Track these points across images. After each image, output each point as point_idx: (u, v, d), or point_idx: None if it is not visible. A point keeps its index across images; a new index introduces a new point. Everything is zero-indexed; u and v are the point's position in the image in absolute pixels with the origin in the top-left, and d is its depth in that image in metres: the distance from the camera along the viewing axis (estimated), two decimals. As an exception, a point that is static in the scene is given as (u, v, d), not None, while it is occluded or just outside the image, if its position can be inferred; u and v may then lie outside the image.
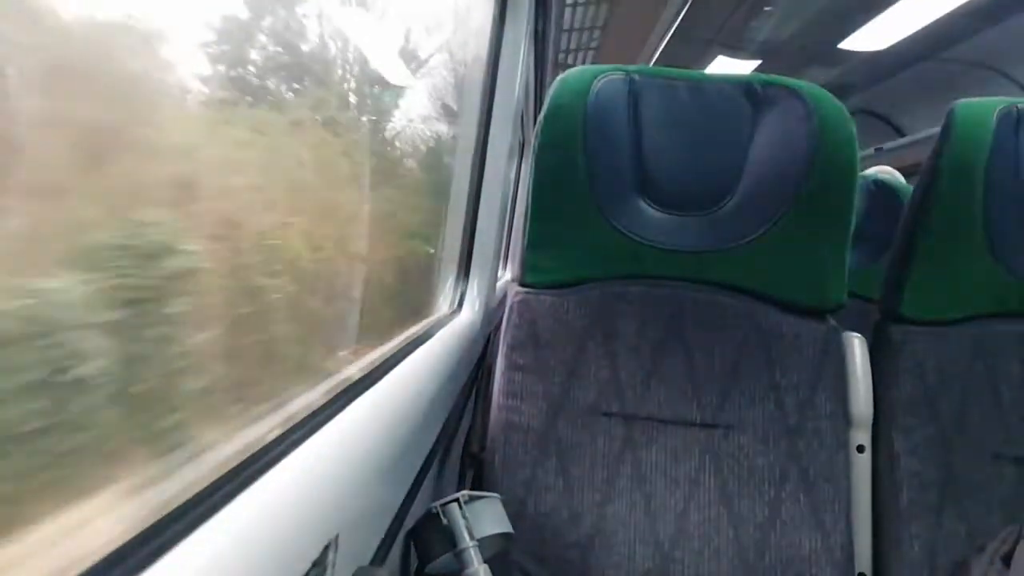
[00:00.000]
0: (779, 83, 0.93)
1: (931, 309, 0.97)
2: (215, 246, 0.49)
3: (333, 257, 0.78)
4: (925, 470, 0.91)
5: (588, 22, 2.61)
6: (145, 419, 0.40)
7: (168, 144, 0.43)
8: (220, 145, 0.51)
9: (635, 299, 0.94)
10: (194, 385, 0.46)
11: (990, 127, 0.93)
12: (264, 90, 0.59)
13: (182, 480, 0.36)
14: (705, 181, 0.94)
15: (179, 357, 0.44)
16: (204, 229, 0.47)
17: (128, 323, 0.38)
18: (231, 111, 0.53)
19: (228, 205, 0.52)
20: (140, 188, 0.40)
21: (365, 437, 0.52)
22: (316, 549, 0.38)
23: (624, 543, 0.87)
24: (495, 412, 0.92)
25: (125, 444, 0.39)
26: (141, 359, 0.40)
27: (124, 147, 0.39)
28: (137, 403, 0.39)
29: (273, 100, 0.61)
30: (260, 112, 0.58)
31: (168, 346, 0.42)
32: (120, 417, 0.38)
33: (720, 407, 0.91)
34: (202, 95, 0.48)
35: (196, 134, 0.47)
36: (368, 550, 0.51)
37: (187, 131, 0.46)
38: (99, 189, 0.37)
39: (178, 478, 0.38)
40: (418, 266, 1.21)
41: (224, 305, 0.51)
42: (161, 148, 0.42)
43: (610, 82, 0.94)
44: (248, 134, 0.55)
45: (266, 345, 0.60)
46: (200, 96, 0.48)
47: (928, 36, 2.90)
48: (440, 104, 1.20)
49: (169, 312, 0.42)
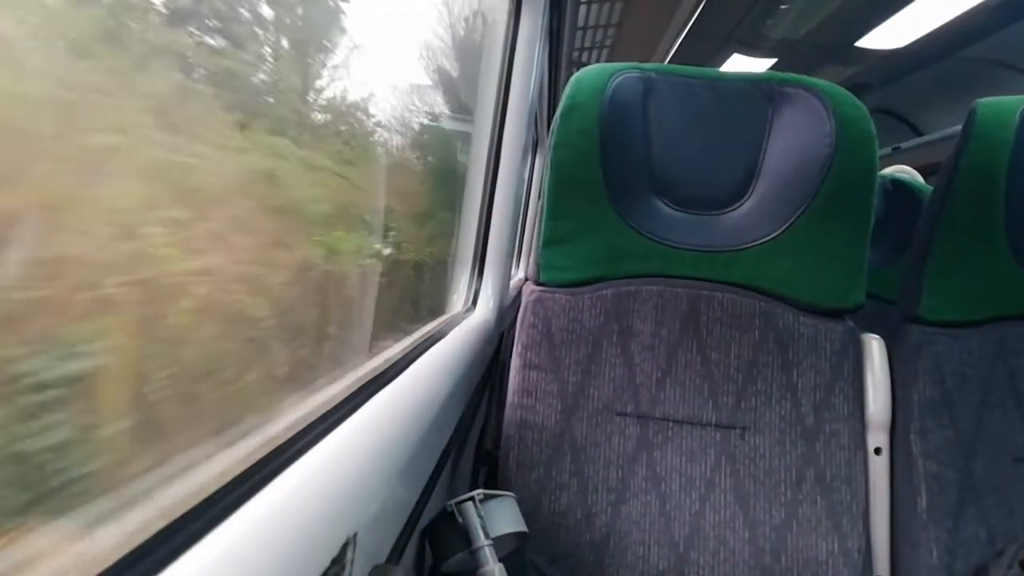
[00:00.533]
0: (797, 81, 0.92)
1: (951, 310, 0.96)
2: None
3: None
4: (944, 473, 0.90)
5: (603, 19, 2.60)
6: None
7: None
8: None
9: (651, 298, 0.93)
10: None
11: (1012, 126, 0.92)
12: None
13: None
14: (722, 180, 0.94)
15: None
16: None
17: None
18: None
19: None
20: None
21: (382, 434, 0.52)
22: (336, 546, 0.38)
23: (639, 544, 0.86)
24: (509, 411, 0.91)
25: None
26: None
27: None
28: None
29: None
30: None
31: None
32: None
33: (736, 408, 0.90)
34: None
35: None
36: (384, 548, 0.51)
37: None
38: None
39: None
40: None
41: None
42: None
43: (626, 80, 0.93)
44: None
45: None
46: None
47: (946, 34, 2.87)
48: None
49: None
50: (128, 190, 0.43)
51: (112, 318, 0.40)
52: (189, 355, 0.49)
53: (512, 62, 1.24)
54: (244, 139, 0.58)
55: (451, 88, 1.26)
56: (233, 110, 0.57)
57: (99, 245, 0.40)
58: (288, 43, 0.67)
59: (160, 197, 0.47)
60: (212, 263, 0.52)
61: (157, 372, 0.45)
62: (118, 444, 0.42)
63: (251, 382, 0.57)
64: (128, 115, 0.44)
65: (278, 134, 0.65)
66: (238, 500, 0.34)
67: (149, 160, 0.46)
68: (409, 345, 0.78)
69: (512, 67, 1.24)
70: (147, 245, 0.44)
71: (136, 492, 0.39)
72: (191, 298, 0.49)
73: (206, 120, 0.53)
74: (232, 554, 0.30)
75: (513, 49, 1.24)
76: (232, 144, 0.56)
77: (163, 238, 0.46)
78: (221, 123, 0.54)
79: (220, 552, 0.30)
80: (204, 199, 0.52)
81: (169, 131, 0.49)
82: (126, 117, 0.44)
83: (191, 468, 0.40)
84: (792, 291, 0.93)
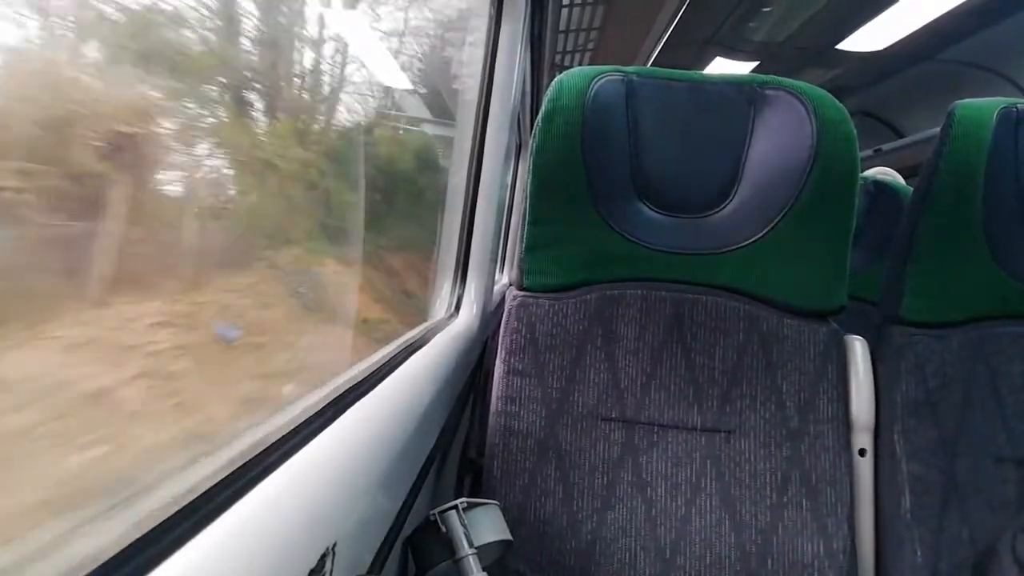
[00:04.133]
0: (779, 83, 0.93)
1: (932, 311, 0.96)
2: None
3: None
4: (927, 473, 0.91)
5: (585, 23, 2.60)
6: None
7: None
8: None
9: (634, 302, 0.93)
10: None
11: (990, 127, 0.92)
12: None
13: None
14: (704, 183, 0.94)
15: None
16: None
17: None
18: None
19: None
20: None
21: (362, 443, 0.51)
22: (313, 557, 0.37)
23: (625, 549, 0.86)
24: (493, 417, 0.91)
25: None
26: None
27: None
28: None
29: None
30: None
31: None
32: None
33: (721, 411, 0.90)
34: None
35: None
36: (366, 558, 0.51)
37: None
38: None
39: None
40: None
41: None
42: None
43: (608, 83, 0.93)
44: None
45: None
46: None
47: (926, 36, 2.90)
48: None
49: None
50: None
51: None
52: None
53: (494, 66, 1.24)
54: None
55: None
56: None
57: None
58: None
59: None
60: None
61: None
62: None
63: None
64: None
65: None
66: (212, 512, 0.34)
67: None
68: (391, 352, 0.78)
69: (494, 71, 1.24)
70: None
71: (108, 503, 0.38)
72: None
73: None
74: (206, 565, 0.30)
75: (495, 53, 1.24)
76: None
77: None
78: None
79: (195, 563, 0.30)
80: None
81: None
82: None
83: (165, 477, 0.39)
84: (775, 293, 0.93)
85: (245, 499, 0.35)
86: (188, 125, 0.82)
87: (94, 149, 0.65)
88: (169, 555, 0.29)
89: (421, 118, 2.12)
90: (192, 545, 0.30)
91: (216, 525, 0.32)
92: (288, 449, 0.43)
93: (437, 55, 1.69)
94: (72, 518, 0.32)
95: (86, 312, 0.68)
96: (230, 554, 0.31)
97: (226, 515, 0.33)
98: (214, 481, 0.37)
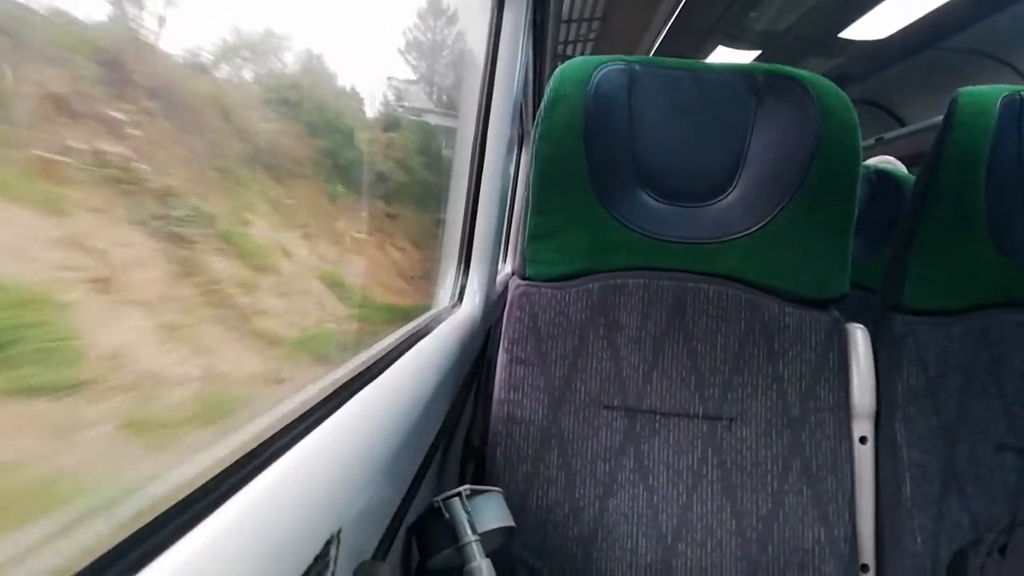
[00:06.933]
0: (781, 72, 0.93)
1: (934, 299, 0.96)
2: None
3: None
4: (928, 461, 0.91)
5: (587, 13, 2.59)
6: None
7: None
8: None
9: (636, 291, 0.93)
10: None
11: (993, 115, 0.92)
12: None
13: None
14: (707, 172, 0.94)
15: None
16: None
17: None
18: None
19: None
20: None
21: (367, 431, 0.52)
22: (318, 544, 0.38)
23: (627, 536, 0.87)
24: (496, 406, 0.91)
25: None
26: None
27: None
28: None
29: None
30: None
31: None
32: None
33: (723, 399, 0.90)
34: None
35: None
36: (370, 544, 0.51)
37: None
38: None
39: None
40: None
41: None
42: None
43: (610, 72, 0.93)
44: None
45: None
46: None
47: (928, 24, 2.88)
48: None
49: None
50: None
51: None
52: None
53: (496, 56, 1.24)
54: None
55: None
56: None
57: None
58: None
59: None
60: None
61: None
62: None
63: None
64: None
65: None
66: (219, 497, 0.34)
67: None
68: (395, 340, 0.78)
69: (496, 60, 1.24)
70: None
71: (119, 488, 0.40)
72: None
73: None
74: (212, 551, 0.30)
75: (497, 42, 1.23)
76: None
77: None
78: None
79: (201, 549, 0.30)
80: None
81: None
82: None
83: (173, 464, 0.39)
84: (777, 282, 0.93)
85: (251, 486, 0.36)
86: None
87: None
88: (176, 540, 0.29)
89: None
90: (199, 531, 0.31)
91: (222, 512, 0.33)
92: (293, 437, 0.43)
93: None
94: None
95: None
96: (236, 541, 0.32)
97: (232, 501, 0.34)
98: (221, 468, 0.37)
